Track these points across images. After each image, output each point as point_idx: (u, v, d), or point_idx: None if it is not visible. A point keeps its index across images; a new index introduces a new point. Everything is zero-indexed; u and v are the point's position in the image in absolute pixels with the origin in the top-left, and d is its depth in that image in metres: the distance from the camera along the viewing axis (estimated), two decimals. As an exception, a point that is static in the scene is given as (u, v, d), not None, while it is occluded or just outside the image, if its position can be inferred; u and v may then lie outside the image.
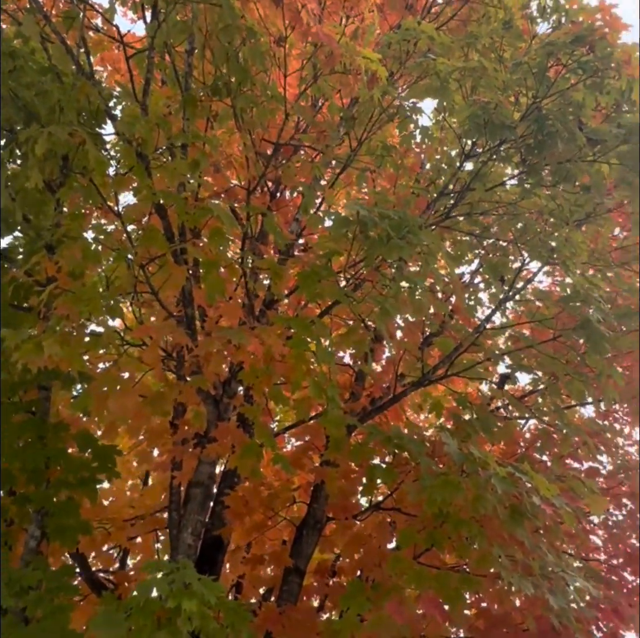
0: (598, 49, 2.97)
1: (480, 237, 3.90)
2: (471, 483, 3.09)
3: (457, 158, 3.86)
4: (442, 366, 4.80)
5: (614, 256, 4.38)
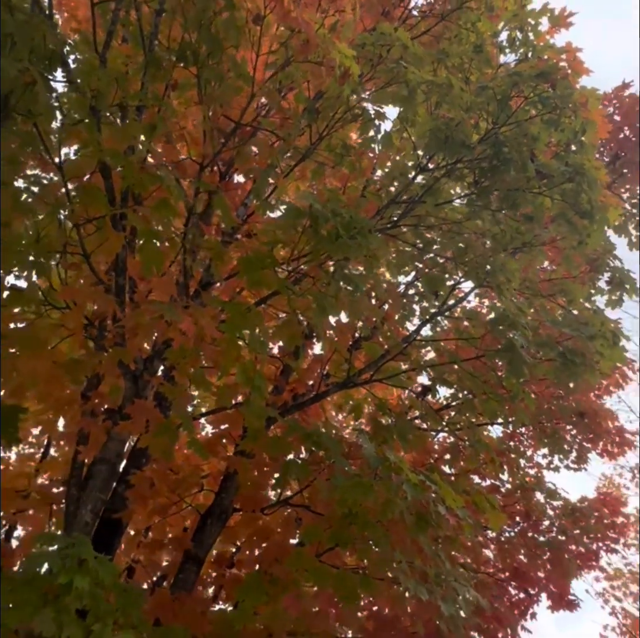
0: (559, 87, 3.11)
1: (422, 250, 3.98)
2: (383, 487, 3.13)
3: (411, 169, 3.91)
4: (367, 370, 4.87)
5: (541, 287, 4.60)
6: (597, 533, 6.03)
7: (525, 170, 3.16)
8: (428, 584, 3.55)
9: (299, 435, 3.70)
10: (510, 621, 4.87)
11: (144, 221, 3.27)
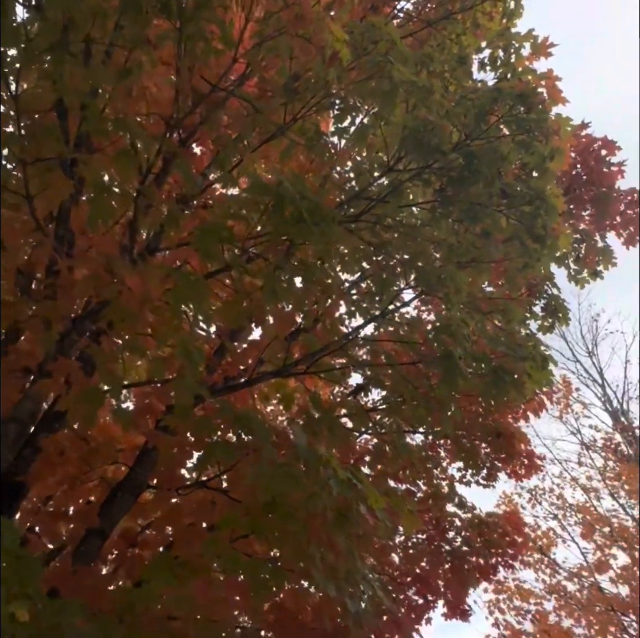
0: (535, 111, 3.20)
1: (377, 249, 3.98)
2: (310, 480, 3.09)
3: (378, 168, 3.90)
4: (303, 362, 4.83)
5: (481, 304, 4.72)
6: (499, 548, 6.27)
7: (491, 186, 3.23)
8: (337, 580, 3.55)
9: (229, 417, 3.60)
10: (407, 624, 4.96)
11: (98, 171, 3.07)
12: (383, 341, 4.70)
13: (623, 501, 10.31)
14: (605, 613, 9.51)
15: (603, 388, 12.74)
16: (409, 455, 5.07)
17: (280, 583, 3.59)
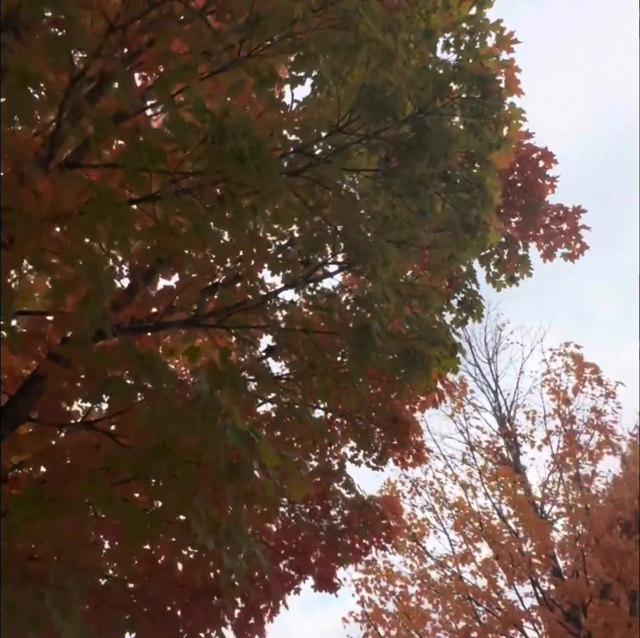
0: (491, 98, 3.21)
1: (312, 211, 3.88)
2: (208, 427, 2.97)
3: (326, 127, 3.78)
4: (216, 315, 4.67)
5: (402, 287, 4.75)
6: (375, 530, 6.43)
7: (436, 165, 3.21)
8: (217, 535, 3.46)
9: (129, 354, 3.39)
10: (277, 591, 4.98)
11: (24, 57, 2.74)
12: (301, 307, 4.62)
13: (495, 500, 10.98)
14: (461, 601, 10.13)
15: (495, 395, 13.47)
16: (310, 428, 5.05)
17: (157, 534, 3.45)
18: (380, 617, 10.49)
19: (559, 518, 10.91)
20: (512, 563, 9.72)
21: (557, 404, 11.43)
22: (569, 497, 10.59)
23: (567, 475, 10.96)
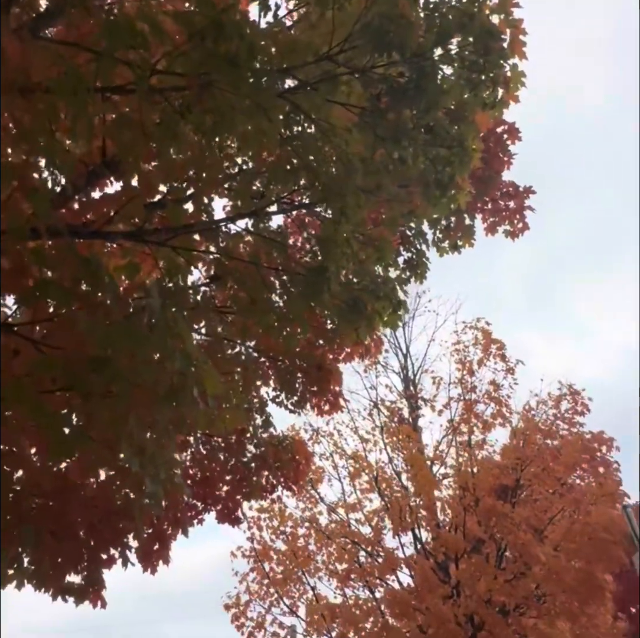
0: (493, 55, 3.15)
1: (290, 137, 3.69)
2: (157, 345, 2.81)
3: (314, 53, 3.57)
4: (162, 233, 4.42)
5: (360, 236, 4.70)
6: (285, 469, 6.54)
7: (426, 114, 3.13)
8: (143, 458, 3.36)
9: (72, 258, 3.13)
10: (186, 520, 4.98)
11: None
12: (254, 241, 4.46)
13: (392, 455, 11.55)
14: (346, 545, 10.68)
15: (405, 358, 13.99)
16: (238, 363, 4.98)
17: (81, 450, 3.28)
18: (268, 554, 10.86)
19: (446, 478, 11.67)
20: (399, 515, 10.32)
21: (462, 374, 12.04)
22: (458, 460, 11.32)
23: (459, 439, 11.68)
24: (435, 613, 8.93)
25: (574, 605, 9.06)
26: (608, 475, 10.17)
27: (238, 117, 3.28)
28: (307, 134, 3.75)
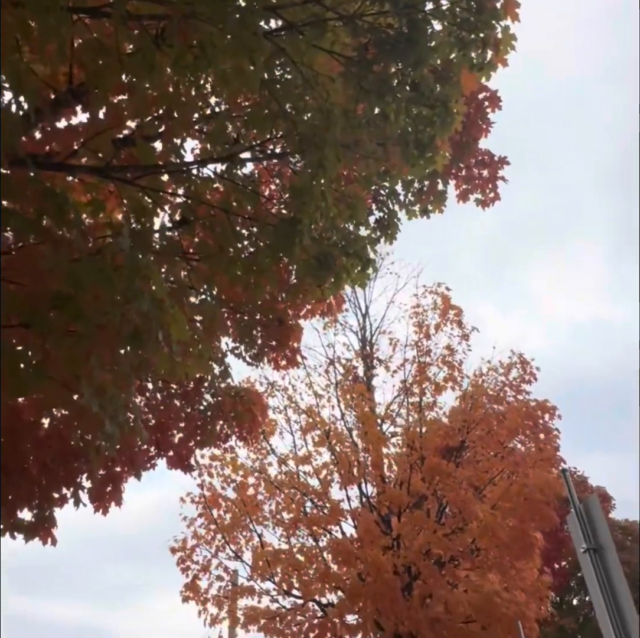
0: (485, 15, 3.08)
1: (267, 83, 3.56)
2: (124, 284, 2.74)
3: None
4: (130, 171, 4.26)
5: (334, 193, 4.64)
6: (240, 420, 6.60)
7: (413, 67, 3.06)
8: (103, 399, 3.32)
9: (39, 190, 2.99)
10: (140, 462, 5.00)
11: None
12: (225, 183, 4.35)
13: (345, 412, 11.78)
14: (294, 496, 10.96)
15: (364, 318, 14.13)
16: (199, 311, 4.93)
17: (38, 388, 3.22)
18: (217, 501, 11.04)
19: (394, 436, 12.02)
20: (347, 469, 10.62)
21: (419, 337, 12.28)
22: (408, 420, 11.66)
23: (411, 400, 11.99)
24: (374, 563, 9.33)
25: (505, 559, 9.63)
26: (548, 441, 10.68)
27: (219, 55, 3.16)
28: (288, 80, 3.63)
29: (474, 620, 9.46)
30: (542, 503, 9.57)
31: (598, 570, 4.60)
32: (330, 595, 10.43)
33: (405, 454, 10.69)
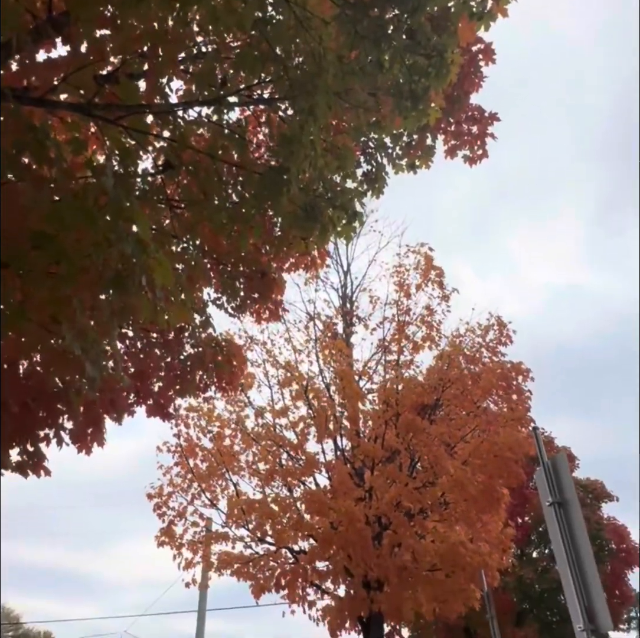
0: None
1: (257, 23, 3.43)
2: (107, 225, 2.68)
3: None
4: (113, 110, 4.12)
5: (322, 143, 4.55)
6: (219, 371, 6.62)
7: (411, 13, 2.96)
8: (86, 342, 3.29)
9: (19, 125, 2.88)
10: (122, 406, 5.03)
11: None
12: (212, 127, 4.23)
13: (323, 368, 11.90)
14: (270, 447, 11.14)
15: (346, 275, 14.12)
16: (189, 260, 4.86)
17: (18, 328, 3.17)
18: (193, 450, 11.17)
19: (370, 393, 12.20)
20: (324, 423, 10.80)
21: (399, 296, 12.34)
22: (385, 377, 11.82)
23: (388, 358, 12.14)
24: (347, 513, 9.61)
25: (472, 513, 9.99)
26: (520, 401, 10.96)
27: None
28: (280, 21, 3.50)
29: (439, 568, 9.87)
30: (511, 461, 9.88)
31: (561, 523, 4.80)
32: (302, 543, 10.76)
33: (381, 410, 10.88)
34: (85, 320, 3.25)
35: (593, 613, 4.36)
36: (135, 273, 2.99)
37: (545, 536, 22.43)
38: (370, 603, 9.77)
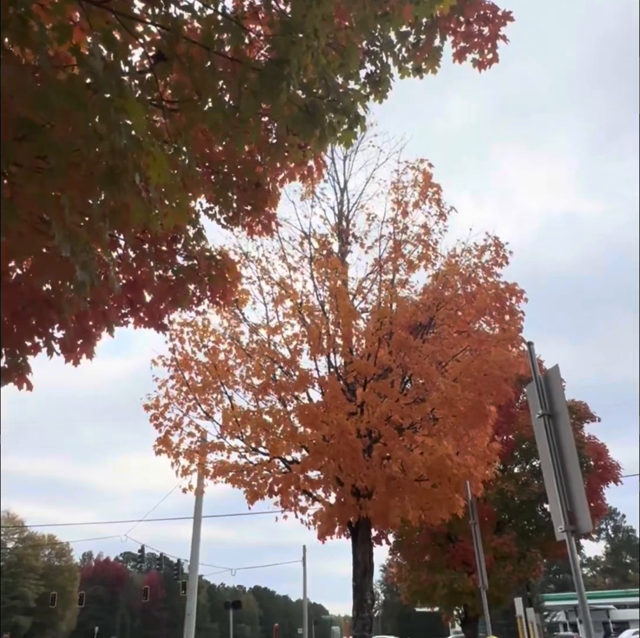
0: None
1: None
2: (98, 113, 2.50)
3: None
4: None
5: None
6: (213, 284, 6.55)
7: None
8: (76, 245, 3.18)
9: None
10: (113, 317, 4.98)
11: None
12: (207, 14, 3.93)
13: (318, 286, 11.84)
14: (265, 362, 11.29)
15: (342, 192, 13.75)
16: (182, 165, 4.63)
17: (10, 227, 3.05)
18: (188, 364, 11.31)
19: (365, 312, 12.24)
20: (317, 340, 10.89)
21: (396, 214, 12.09)
22: (380, 296, 11.82)
23: (384, 278, 12.08)
24: (339, 426, 9.89)
25: (460, 427, 10.31)
26: (512, 322, 11.04)
27: None
28: None
29: (427, 479, 10.31)
30: (501, 379, 10.09)
31: (550, 433, 4.94)
32: (295, 453, 11.15)
33: (374, 328, 10.95)
34: (75, 219, 3.12)
35: (574, 516, 4.57)
36: (129, 169, 2.84)
37: (527, 453, 23.42)
38: (359, 509, 10.25)
